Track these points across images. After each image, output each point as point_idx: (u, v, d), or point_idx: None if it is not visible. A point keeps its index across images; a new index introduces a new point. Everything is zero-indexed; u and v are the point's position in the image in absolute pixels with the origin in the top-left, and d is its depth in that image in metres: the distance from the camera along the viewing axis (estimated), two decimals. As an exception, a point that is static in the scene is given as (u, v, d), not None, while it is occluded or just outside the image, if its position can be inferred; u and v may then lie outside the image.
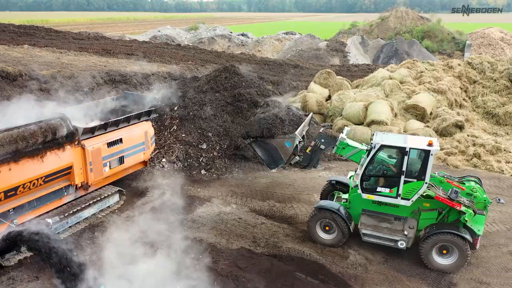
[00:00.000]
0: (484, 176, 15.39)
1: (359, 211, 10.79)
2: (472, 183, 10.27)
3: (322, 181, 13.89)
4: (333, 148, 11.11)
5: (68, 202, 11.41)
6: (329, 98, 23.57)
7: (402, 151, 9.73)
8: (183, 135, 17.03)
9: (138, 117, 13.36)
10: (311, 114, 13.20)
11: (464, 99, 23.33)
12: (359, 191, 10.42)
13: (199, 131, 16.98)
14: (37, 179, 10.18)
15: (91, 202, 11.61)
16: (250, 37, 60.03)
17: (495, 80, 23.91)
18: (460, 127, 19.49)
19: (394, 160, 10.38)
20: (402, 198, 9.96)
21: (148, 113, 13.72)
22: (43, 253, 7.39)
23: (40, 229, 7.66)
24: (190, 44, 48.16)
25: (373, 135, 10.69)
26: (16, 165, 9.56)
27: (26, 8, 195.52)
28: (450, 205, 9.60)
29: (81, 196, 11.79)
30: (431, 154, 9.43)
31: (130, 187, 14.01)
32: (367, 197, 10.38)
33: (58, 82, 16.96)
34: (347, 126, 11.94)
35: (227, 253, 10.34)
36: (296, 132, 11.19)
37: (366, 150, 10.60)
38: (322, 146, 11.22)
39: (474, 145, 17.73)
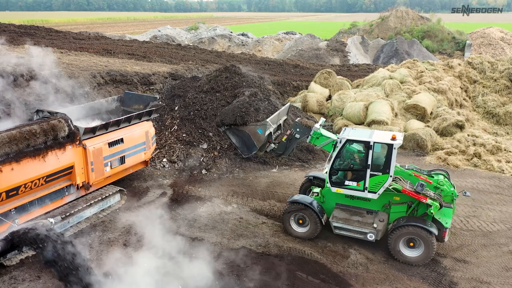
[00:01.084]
0: (484, 175, 15.44)
1: (333, 205, 11.08)
2: (441, 177, 10.43)
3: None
4: (308, 137, 11.35)
5: (70, 202, 11.44)
6: (329, 98, 23.61)
7: (366, 145, 10.04)
8: (184, 135, 17.06)
9: (139, 117, 13.38)
10: (288, 104, 13.37)
11: (464, 99, 23.37)
12: (328, 184, 10.70)
13: (199, 131, 17.01)
14: (39, 179, 10.20)
15: (92, 201, 11.63)
16: (250, 37, 59.98)
17: (495, 79, 23.96)
18: (460, 126, 19.52)
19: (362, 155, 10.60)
20: (369, 192, 10.22)
21: (149, 113, 13.74)
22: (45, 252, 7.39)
23: (43, 229, 7.68)
24: (191, 44, 48.17)
25: (342, 130, 11.01)
26: (18, 165, 9.58)
27: (26, 8, 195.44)
28: (416, 198, 9.80)
29: (82, 196, 11.82)
30: (394, 148, 9.73)
31: (131, 187, 14.03)
32: (336, 191, 10.66)
33: (59, 82, 16.95)
34: (323, 117, 12.23)
35: (228, 253, 10.36)
36: (268, 120, 11.47)
37: (332, 144, 10.83)
38: (297, 135, 11.54)
39: (474, 144, 17.74)
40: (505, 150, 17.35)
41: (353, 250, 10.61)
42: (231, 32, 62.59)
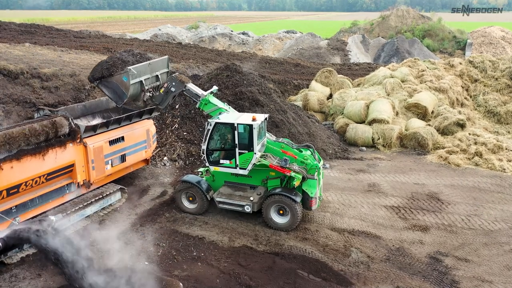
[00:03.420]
0: (485, 174, 15.41)
1: (222, 183, 12.26)
2: (308, 152, 11.68)
3: (324, 179, 13.86)
4: (183, 90, 12.18)
5: (70, 200, 11.41)
6: (330, 96, 23.58)
7: (232, 127, 11.08)
8: (184, 133, 17.04)
9: (140, 115, 13.36)
10: (166, 57, 13.54)
11: (465, 98, 23.34)
12: (207, 164, 11.70)
13: (200, 129, 16.98)
14: (39, 177, 10.18)
15: (93, 200, 11.60)
16: (251, 35, 59.94)
17: (496, 78, 23.93)
18: (461, 125, 19.49)
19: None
20: (240, 168, 11.31)
21: (150, 111, 13.71)
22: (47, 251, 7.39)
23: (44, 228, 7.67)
24: (191, 43, 48.14)
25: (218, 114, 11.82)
26: (18, 163, 9.56)
27: (27, 6, 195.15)
28: (281, 172, 11.08)
29: (83, 194, 11.79)
30: (254, 128, 10.85)
31: (132, 185, 14.01)
32: (214, 169, 11.75)
33: (60, 80, 16.95)
34: (216, 88, 12.89)
35: (229, 251, 10.35)
36: (131, 68, 11.69)
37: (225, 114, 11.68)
38: (173, 89, 12.29)
39: (475, 143, 17.70)
40: (506, 149, 17.31)
41: (354, 248, 10.59)
42: (232, 31, 62.53)
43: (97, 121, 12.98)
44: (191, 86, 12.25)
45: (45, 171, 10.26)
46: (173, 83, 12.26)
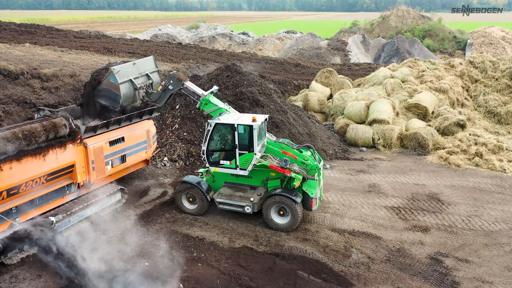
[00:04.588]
0: (486, 175, 15.40)
1: (222, 183, 12.26)
2: (308, 153, 11.66)
3: (324, 180, 13.86)
4: (180, 89, 12.23)
5: (71, 201, 11.40)
6: (330, 97, 23.58)
7: (232, 127, 11.08)
8: (184, 133, 17.04)
9: (140, 115, 13.35)
10: (151, 56, 13.66)
11: (465, 98, 23.33)
12: (207, 165, 11.75)
13: (200, 129, 16.97)
14: (40, 178, 10.17)
15: (93, 200, 11.59)
16: (251, 36, 59.92)
17: (496, 79, 23.92)
18: (462, 126, 19.48)
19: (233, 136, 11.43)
20: (240, 169, 11.33)
21: (150, 111, 13.70)
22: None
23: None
24: (191, 43, 48.14)
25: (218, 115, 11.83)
26: (19, 163, 9.55)
27: (27, 6, 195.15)
28: (282, 172, 11.11)
29: (83, 195, 11.78)
30: (254, 129, 10.86)
31: (132, 185, 14.00)
32: (214, 170, 11.77)
33: (60, 81, 16.94)
34: (216, 88, 13.01)
35: (229, 252, 10.34)
36: (114, 67, 11.76)
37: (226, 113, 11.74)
38: (170, 87, 12.30)
39: (476, 144, 17.70)
40: (506, 149, 17.29)
41: (355, 249, 10.58)
42: (232, 31, 62.53)
43: (97, 121, 12.95)
44: (189, 84, 12.24)
45: (45, 171, 10.25)
46: (171, 81, 12.25)
